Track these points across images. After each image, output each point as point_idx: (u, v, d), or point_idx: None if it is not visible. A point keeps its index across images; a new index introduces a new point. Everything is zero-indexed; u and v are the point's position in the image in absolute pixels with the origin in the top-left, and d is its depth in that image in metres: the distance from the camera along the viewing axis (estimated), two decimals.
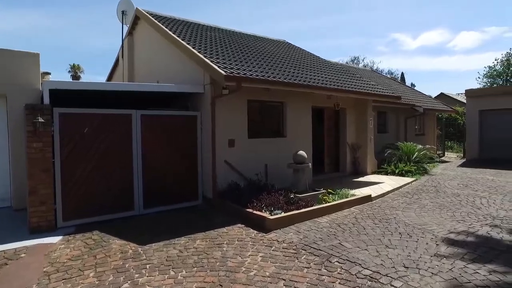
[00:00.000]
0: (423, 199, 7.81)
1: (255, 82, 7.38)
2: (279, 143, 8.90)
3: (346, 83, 10.09)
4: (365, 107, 11.34)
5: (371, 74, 19.84)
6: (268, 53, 10.64)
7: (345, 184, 9.42)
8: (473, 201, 7.58)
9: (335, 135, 11.45)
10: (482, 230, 5.53)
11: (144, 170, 7.06)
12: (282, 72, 8.65)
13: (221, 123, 7.74)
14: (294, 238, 5.39)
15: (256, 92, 8.30)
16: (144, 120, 7.11)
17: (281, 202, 6.62)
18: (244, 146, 8.20)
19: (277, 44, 13.49)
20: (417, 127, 16.94)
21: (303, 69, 9.93)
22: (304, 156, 7.59)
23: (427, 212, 6.69)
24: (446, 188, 9.08)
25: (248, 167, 8.16)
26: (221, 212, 7.05)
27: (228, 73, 6.89)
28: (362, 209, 7.11)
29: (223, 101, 7.70)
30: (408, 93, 17.54)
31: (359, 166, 11.40)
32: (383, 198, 8.07)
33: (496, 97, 15.93)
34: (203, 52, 8.00)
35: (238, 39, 11.69)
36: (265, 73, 7.88)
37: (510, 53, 26.30)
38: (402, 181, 9.91)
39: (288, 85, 8.03)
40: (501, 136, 15.79)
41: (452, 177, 11.09)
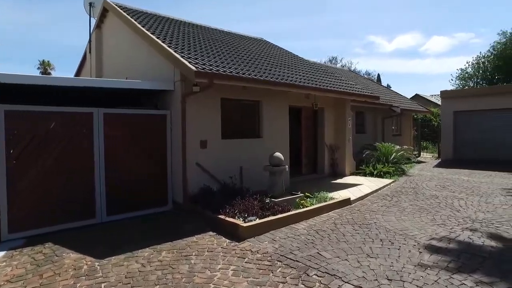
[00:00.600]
0: (403, 202, 7.60)
1: (229, 79, 6.92)
2: (255, 144, 8.48)
3: (325, 82, 9.81)
4: (343, 107, 11.12)
5: (349, 74, 19.80)
6: (244, 50, 10.21)
7: (323, 186, 9.12)
8: (452, 203, 7.44)
9: (313, 135, 11.16)
10: (463, 235, 5.31)
11: (107, 174, 6.46)
12: (258, 69, 8.23)
13: (192, 122, 7.24)
14: (269, 248, 4.98)
15: (230, 90, 7.85)
16: (108, 119, 6.51)
17: (255, 207, 6.19)
18: (218, 147, 7.73)
19: (254, 41, 13.08)
20: (394, 127, 16.98)
21: (281, 67, 9.56)
22: (281, 158, 7.20)
23: (407, 216, 6.46)
24: (424, 190, 8.95)
25: (221, 169, 7.70)
26: (192, 219, 6.55)
27: (199, 69, 6.40)
28: (341, 213, 6.80)
29: (195, 99, 7.20)
30: (386, 94, 17.58)
31: (337, 168, 11.16)
32: (362, 201, 7.80)
33: (470, 99, 16.20)
34: (174, 47, 7.46)
35: (213, 35, 11.19)
36: (239, 70, 7.43)
37: (480, 56, 27.16)
38: (380, 182, 9.73)
39: (264, 83, 7.62)
40: (473, 137, 16.06)
41: (429, 178, 11.05)
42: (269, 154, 7.59)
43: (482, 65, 26.30)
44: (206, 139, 7.54)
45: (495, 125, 15.51)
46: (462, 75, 27.73)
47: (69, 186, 6.02)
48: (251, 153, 8.32)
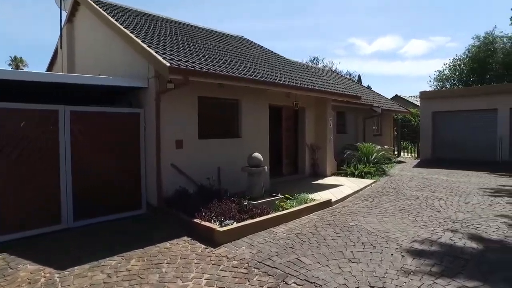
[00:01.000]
0: (384, 203, 7.49)
1: (206, 76, 6.60)
2: (233, 144, 8.19)
3: (306, 81, 9.63)
4: (324, 106, 10.98)
5: (330, 74, 19.80)
6: (223, 48, 9.90)
7: (304, 187, 8.93)
8: (432, 203, 7.38)
9: (294, 135, 10.96)
10: (445, 236, 5.20)
11: (74, 176, 6.02)
12: (237, 67, 7.95)
13: (167, 121, 6.89)
14: (247, 254, 4.71)
15: (208, 88, 7.53)
16: (75, 118, 6.07)
17: (233, 210, 5.91)
18: (194, 147, 7.40)
19: (234, 39, 12.79)
20: (375, 127, 17.06)
21: (261, 65, 9.31)
22: (260, 159, 6.95)
23: (389, 217, 6.33)
24: (405, 190, 8.90)
25: (198, 170, 7.37)
26: (166, 223, 6.20)
27: (174, 65, 6.06)
28: (322, 215, 6.60)
29: (170, 97, 6.85)
30: (367, 94, 17.64)
31: (318, 168, 11.01)
32: (343, 203, 7.65)
33: (448, 100, 16.46)
34: (148, 42, 7.08)
35: (193, 32, 10.83)
36: (217, 67, 7.13)
37: (456, 58, 27.84)
38: (362, 183, 9.63)
39: (243, 81, 7.34)
40: (451, 137, 16.33)
41: (409, 178, 11.06)
42: (248, 154, 7.33)
43: (458, 67, 27.00)
44: (182, 139, 7.20)
45: (472, 126, 15.81)
46: (440, 76, 28.39)
47: (31, 189, 5.55)
48: (229, 154, 8.03)
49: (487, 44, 25.15)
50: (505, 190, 8.86)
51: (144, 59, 6.77)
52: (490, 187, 9.23)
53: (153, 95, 6.73)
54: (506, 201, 7.52)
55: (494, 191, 8.67)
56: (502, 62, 24.12)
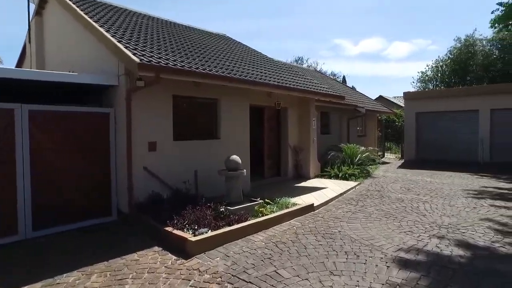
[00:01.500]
0: (368, 207, 7.22)
1: (180, 74, 6.17)
2: (211, 146, 7.78)
3: (288, 80, 9.30)
4: (308, 106, 10.68)
5: (314, 74, 19.59)
6: (202, 45, 9.47)
7: (286, 190, 8.60)
8: (417, 206, 7.16)
9: (276, 136, 10.62)
10: (431, 243, 4.94)
11: (34, 182, 5.50)
12: (215, 64, 7.55)
13: (139, 122, 6.43)
14: (220, 266, 4.32)
15: (184, 87, 7.10)
16: (35, 118, 5.55)
17: (208, 217, 5.50)
18: (169, 149, 6.95)
19: (215, 37, 12.37)
20: (359, 128, 16.93)
21: (242, 64, 8.93)
22: (238, 162, 6.56)
23: (373, 223, 6.04)
24: (390, 193, 8.68)
25: (174, 174, 6.93)
26: (137, 231, 5.76)
27: (145, 61, 5.61)
28: (304, 221, 6.26)
29: (142, 96, 6.40)
30: (351, 94, 17.50)
31: (301, 170, 10.70)
32: (326, 207, 7.34)
33: (431, 100, 16.48)
34: (119, 37, 6.60)
35: (171, 28, 10.35)
36: (193, 65, 6.71)
37: (438, 60, 28.14)
38: (346, 185, 9.37)
39: (221, 79, 6.94)
40: (434, 137, 16.36)
41: (394, 179, 10.88)
42: (227, 156, 6.94)
43: (441, 68, 27.30)
44: (156, 141, 6.75)
45: (455, 127, 15.87)
46: (423, 77, 28.66)
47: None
48: (207, 156, 7.61)
49: (467, 46, 25.51)
50: (487, 191, 8.75)
51: (114, 55, 6.29)
52: (473, 189, 9.12)
53: (123, 93, 6.26)
54: (489, 203, 7.37)
55: (477, 193, 8.55)
56: (481, 64, 24.49)
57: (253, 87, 7.84)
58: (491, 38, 24.49)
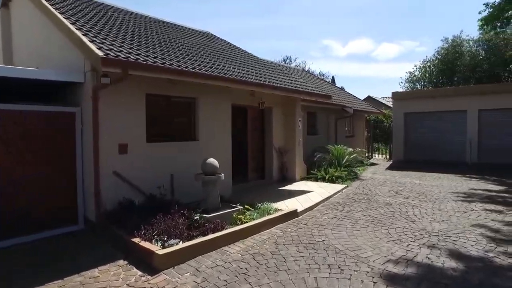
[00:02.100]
0: (355, 212, 6.83)
1: (152, 71, 5.69)
2: (189, 148, 7.29)
3: (272, 79, 8.88)
4: (293, 106, 10.28)
5: (302, 73, 19.26)
6: (182, 41, 8.99)
7: (270, 194, 8.19)
8: (406, 211, 6.81)
9: (260, 137, 10.20)
10: (421, 254, 4.57)
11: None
12: (193, 61, 7.08)
13: (109, 123, 5.91)
14: (190, 283, 3.86)
15: (159, 85, 6.62)
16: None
17: (180, 226, 5.02)
18: (142, 152, 6.44)
19: (198, 34, 11.87)
20: (347, 128, 16.63)
21: (223, 61, 8.47)
22: (215, 166, 6.10)
23: (360, 230, 5.65)
24: (377, 196, 8.32)
25: (147, 178, 6.44)
26: (103, 242, 5.25)
27: (111, 56, 5.12)
28: (286, 229, 5.84)
29: (112, 94, 5.89)
30: (339, 94, 17.20)
31: (287, 172, 10.29)
32: (311, 212, 6.93)
33: (419, 100, 16.27)
34: (86, 30, 6.07)
35: (150, 24, 9.83)
36: (167, 61, 6.22)
37: (426, 60, 28.17)
38: (332, 189, 8.98)
39: (198, 77, 6.48)
40: (423, 138, 16.15)
41: (382, 182, 10.56)
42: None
43: (428, 68, 27.30)
44: (127, 143, 6.23)
45: (443, 127, 15.69)
46: (411, 78, 28.64)
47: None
48: (185, 159, 7.12)
49: (455, 47, 25.54)
50: (477, 194, 8.48)
51: (80, 49, 5.76)
52: (463, 191, 8.84)
53: (90, 91, 5.73)
54: (479, 207, 7.07)
55: (467, 196, 8.26)
56: (468, 64, 24.53)
57: (234, 86, 7.40)
58: (477, 39, 24.58)
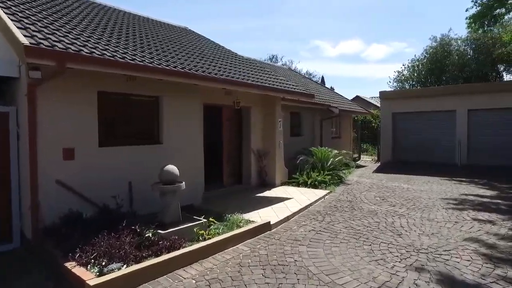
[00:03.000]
0: (336, 223, 6.12)
1: (98, 64, 4.88)
2: (152, 152, 6.50)
3: (249, 77, 8.12)
4: (273, 106, 9.55)
5: (287, 72, 18.58)
6: (151, 36, 8.18)
7: (245, 202, 7.45)
8: (393, 222, 6.13)
9: (237, 139, 9.44)
10: (408, 279, 3.87)
11: None
12: (155, 55, 6.29)
13: (50, 124, 5.10)
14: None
15: (113, 81, 5.83)
16: None
17: (126, 247, 4.23)
18: (93, 157, 5.63)
19: (173, 29, 11.07)
20: (333, 129, 15.99)
21: (195, 57, 7.71)
22: (175, 173, 5.32)
23: (339, 246, 4.94)
24: (362, 204, 7.64)
25: (101, 187, 5.63)
26: (37, 265, 4.45)
27: (44, 45, 4.31)
28: (255, 246, 5.09)
29: (53, 91, 5.09)
30: (324, 93, 16.56)
31: (266, 177, 9.55)
32: (287, 224, 6.20)
33: (408, 100, 15.76)
34: (20, 17, 5.20)
35: (117, 16, 8.98)
36: (120, 54, 5.42)
37: (414, 59, 27.80)
38: (314, 195, 8.28)
39: (158, 73, 5.69)
40: (411, 139, 15.63)
41: (368, 186, 9.89)
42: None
43: (417, 68, 26.92)
44: (74, 147, 5.41)
45: (432, 128, 15.20)
46: (399, 77, 28.23)
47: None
48: (146, 164, 6.32)
49: (443, 46, 25.18)
50: (469, 201, 7.87)
51: (5, 37, 4.92)
52: (453, 197, 8.22)
53: (25, 88, 4.90)
54: (472, 217, 6.44)
55: (458, 203, 7.64)
56: (457, 64, 24.20)
57: (202, 83, 6.61)
58: (465, 38, 24.26)
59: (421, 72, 26.42)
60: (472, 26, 15.16)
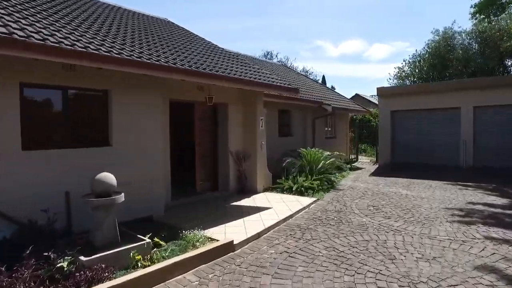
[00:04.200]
0: (316, 242, 5.04)
1: (9, 47, 3.82)
2: (97, 156, 5.44)
3: (225, 69, 7.02)
4: (253, 103, 8.48)
5: (282, 69, 17.53)
6: (113, 23, 7.13)
7: (215, 213, 6.42)
8: (385, 241, 5.04)
9: (212, 140, 8.37)
10: None
11: None
12: (104, 42, 5.23)
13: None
14: None
15: (45, 71, 4.78)
16: None
17: (26, 284, 3.17)
18: (14, 163, 4.59)
19: (150, 19, 10.02)
20: (328, 129, 14.89)
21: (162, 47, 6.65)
22: (108, 183, 4.27)
23: (314, 277, 3.86)
24: (352, 215, 6.55)
25: (26, 199, 4.59)
26: None
27: None
28: (207, 274, 4.03)
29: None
30: (318, 91, 15.46)
31: (246, 182, 8.48)
32: (256, 242, 5.12)
33: (408, 97, 14.57)
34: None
35: (88, 6, 7.94)
36: (48, 34, 4.36)
37: (416, 54, 26.49)
38: (297, 204, 7.20)
39: (98, 61, 4.62)
40: (411, 139, 14.47)
41: (362, 192, 8.79)
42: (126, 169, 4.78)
43: (418, 63, 25.64)
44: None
45: (434, 127, 14.04)
46: (399, 74, 26.95)
47: None
48: (90, 171, 5.21)
49: (446, 40, 23.85)
50: (477, 211, 6.75)
51: None
52: (459, 207, 7.11)
53: None
54: (482, 234, 5.31)
55: (465, 214, 6.53)
56: (461, 58, 22.91)
57: (161, 75, 5.54)
58: (470, 31, 22.98)
59: (423, 68, 25.13)
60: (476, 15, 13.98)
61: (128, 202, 5.52)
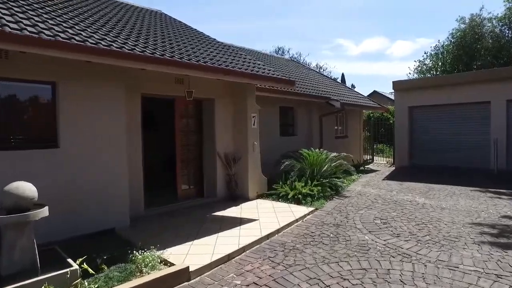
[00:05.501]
0: (299, 269, 3.96)
1: None
2: (42, 161, 4.58)
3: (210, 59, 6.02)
4: (244, 98, 7.46)
5: (288, 63, 16.40)
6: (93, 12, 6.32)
7: (188, 225, 5.51)
8: (388, 271, 3.89)
9: (197, 141, 7.42)
10: None
11: None
12: (75, 30, 4.39)
13: None
14: None
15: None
16: None
17: None
18: None
19: (140, 11, 9.18)
20: (338, 127, 13.63)
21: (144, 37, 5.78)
22: (23, 196, 3.35)
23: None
24: (353, 230, 5.41)
25: None
26: None
27: None
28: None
29: None
30: (327, 85, 14.20)
31: (237, 188, 7.47)
32: (223, 267, 4.09)
33: (427, 90, 13.09)
34: None
35: None
36: None
37: (438, 46, 24.42)
38: (289, 215, 6.13)
39: (41, 46, 3.77)
40: (432, 138, 13.02)
41: (371, 200, 7.58)
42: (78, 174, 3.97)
43: (441, 55, 23.60)
44: None
45: (459, 124, 12.53)
46: (420, 67, 24.96)
47: None
48: (32, 178, 4.39)
49: (473, 28, 21.68)
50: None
51: None
52: (489, 222, 5.80)
53: None
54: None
55: (497, 233, 5.24)
56: (491, 48, 20.75)
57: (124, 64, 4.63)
58: (502, 16, 20.65)
59: (447, 61, 23.08)
60: None
61: (83, 213, 4.89)
